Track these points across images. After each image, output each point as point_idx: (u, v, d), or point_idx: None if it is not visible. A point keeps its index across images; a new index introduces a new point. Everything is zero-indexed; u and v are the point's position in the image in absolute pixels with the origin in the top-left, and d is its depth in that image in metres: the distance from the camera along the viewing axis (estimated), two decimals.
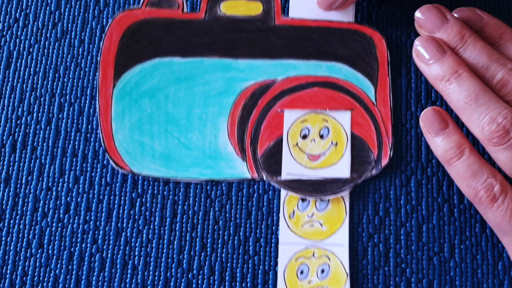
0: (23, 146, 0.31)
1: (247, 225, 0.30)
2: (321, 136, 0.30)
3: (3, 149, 0.31)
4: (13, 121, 0.32)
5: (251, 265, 0.29)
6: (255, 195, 0.30)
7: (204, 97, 0.31)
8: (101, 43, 0.31)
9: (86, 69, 0.32)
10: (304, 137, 0.30)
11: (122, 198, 0.30)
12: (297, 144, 0.30)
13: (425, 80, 0.32)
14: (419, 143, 0.31)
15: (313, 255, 0.29)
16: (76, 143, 0.31)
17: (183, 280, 0.29)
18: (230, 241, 0.30)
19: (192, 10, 0.32)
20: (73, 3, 0.33)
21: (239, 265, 0.29)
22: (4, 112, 0.32)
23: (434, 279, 0.29)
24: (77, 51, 0.33)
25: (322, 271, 0.29)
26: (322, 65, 0.31)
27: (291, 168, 0.30)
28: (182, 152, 0.30)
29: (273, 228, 0.30)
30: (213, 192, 0.30)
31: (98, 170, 0.31)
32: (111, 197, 0.30)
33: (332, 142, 0.30)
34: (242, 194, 0.30)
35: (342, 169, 0.30)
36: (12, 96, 0.32)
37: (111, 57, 0.31)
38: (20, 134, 0.31)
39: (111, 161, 0.30)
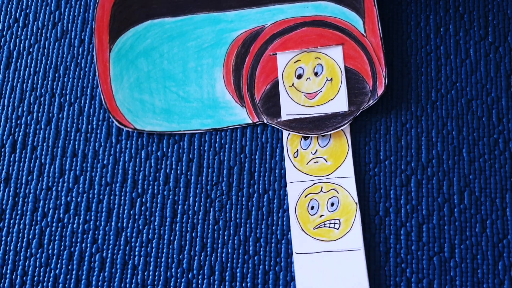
0: (23, 146, 0.31)
1: (247, 225, 0.30)
2: (316, 74, 0.31)
3: (3, 149, 0.31)
4: (13, 121, 0.32)
5: (251, 265, 0.29)
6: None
7: (197, 50, 0.32)
8: (94, 12, 0.32)
9: (86, 69, 0.32)
10: (299, 76, 0.31)
11: (122, 198, 0.30)
12: (293, 85, 0.31)
13: (425, 80, 0.32)
14: (419, 143, 0.31)
15: (321, 190, 0.29)
16: (76, 143, 0.31)
17: (183, 280, 0.29)
18: (230, 241, 0.30)
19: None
20: (73, 3, 0.34)
21: (239, 265, 0.29)
22: (4, 112, 0.32)
23: (434, 279, 0.29)
24: (77, 51, 0.33)
25: (332, 204, 0.29)
26: (308, 5, 0.32)
27: (290, 109, 0.31)
28: (182, 105, 0.31)
29: (273, 228, 0.30)
30: (213, 192, 0.30)
31: (98, 170, 0.31)
32: (111, 197, 0.30)
33: (327, 78, 0.31)
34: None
35: (339, 103, 0.31)
36: (12, 96, 0.32)
37: (105, 24, 0.32)
38: (20, 134, 0.31)
39: (114, 121, 0.31)
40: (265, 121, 0.31)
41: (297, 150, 0.30)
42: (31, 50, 0.33)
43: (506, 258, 0.29)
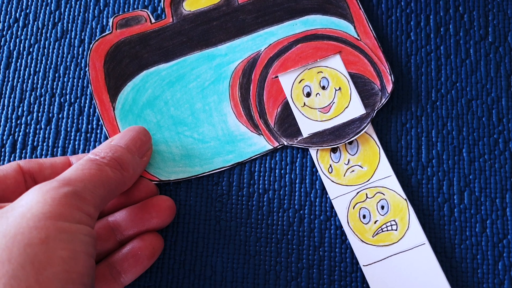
0: (23, 146, 0.31)
1: (247, 225, 0.30)
2: (323, 88, 0.31)
3: (3, 149, 0.31)
4: (13, 121, 0.31)
5: (251, 264, 0.29)
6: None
7: (200, 90, 0.31)
8: (87, 74, 0.31)
9: (86, 69, 0.32)
10: (308, 95, 0.31)
11: None
12: (305, 104, 0.31)
13: (425, 80, 0.32)
14: (419, 143, 0.31)
15: (367, 196, 0.29)
16: (76, 143, 0.31)
17: (184, 280, 0.29)
18: (231, 241, 0.30)
19: (158, 18, 0.33)
20: (73, 3, 0.33)
21: (239, 265, 0.29)
22: (4, 112, 0.32)
23: None
24: (77, 51, 0.33)
25: (382, 207, 0.29)
26: (296, 22, 0.32)
27: (309, 128, 0.31)
28: (200, 147, 0.31)
29: (273, 227, 0.30)
30: (213, 192, 0.30)
31: None
32: None
33: (335, 89, 0.31)
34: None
35: (355, 108, 0.31)
36: (12, 96, 0.32)
37: (101, 84, 0.31)
38: (20, 134, 0.31)
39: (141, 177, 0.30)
40: (285, 143, 0.30)
41: (330, 165, 0.30)
42: (31, 50, 0.33)
43: (506, 258, 0.29)
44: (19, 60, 0.33)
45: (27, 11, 0.33)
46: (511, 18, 0.33)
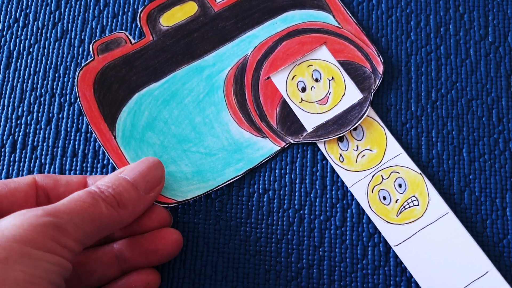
0: (23, 146, 0.31)
1: (247, 225, 0.30)
2: (316, 80, 0.31)
3: (3, 149, 0.31)
4: (13, 121, 0.31)
5: (251, 264, 0.29)
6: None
7: (197, 104, 0.31)
8: (80, 106, 0.31)
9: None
10: (303, 89, 0.31)
11: None
12: (302, 100, 0.31)
13: (425, 80, 0.32)
14: (419, 142, 0.31)
15: (383, 178, 0.30)
16: (76, 143, 0.31)
17: (184, 279, 0.29)
18: (231, 241, 0.30)
19: (138, 38, 0.32)
20: (73, 3, 0.33)
21: (239, 265, 0.29)
22: (4, 112, 0.32)
23: None
24: (77, 51, 0.33)
25: (400, 185, 0.29)
26: (276, 21, 0.32)
27: (311, 122, 0.31)
28: (209, 161, 0.30)
29: (273, 227, 0.30)
30: (213, 192, 0.30)
31: (98, 170, 0.31)
32: None
33: (328, 79, 0.31)
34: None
35: (352, 94, 0.31)
36: (12, 96, 0.32)
37: (96, 114, 0.31)
38: (20, 134, 0.31)
39: (156, 203, 0.29)
40: (291, 141, 0.31)
41: (340, 155, 0.30)
42: (31, 50, 0.33)
43: (506, 258, 0.29)
44: (19, 60, 0.33)
45: (27, 11, 0.33)
46: (511, 18, 0.33)
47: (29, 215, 0.22)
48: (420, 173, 0.30)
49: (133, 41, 0.32)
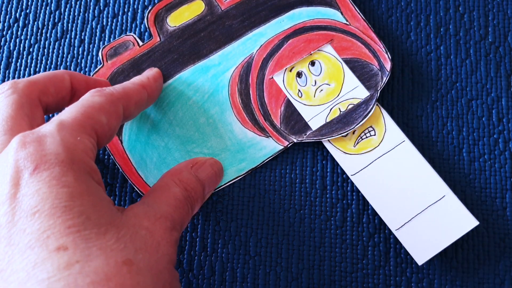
0: None
1: (248, 225, 0.30)
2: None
3: None
4: None
5: (251, 265, 0.29)
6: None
7: (201, 104, 0.31)
8: None
9: (86, 69, 0.32)
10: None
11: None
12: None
13: (425, 80, 0.32)
14: (420, 142, 0.31)
15: (340, 110, 0.31)
16: None
17: (183, 280, 0.29)
18: (230, 241, 0.30)
19: (146, 40, 0.32)
20: (73, 3, 0.33)
21: (239, 265, 0.29)
22: None
23: (434, 278, 0.29)
24: (77, 51, 0.33)
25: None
26: (283, 18, 0.32)
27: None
28: None
29: (274, 228, 0.30)
30: (214, 194, 0.30)
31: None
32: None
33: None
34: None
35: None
36: None
37: None
38: None
39: None
40: (294, 140, 0.30)
41: (299, 90, 0.31)
42: (31, 50, 0.33)
43: (507, 258, 0.29)
44: (19, 60, 0.33)
45: (27, 11, 0.33)
46: (511, 18, 0.33)
47: (159, 226, 0.22)
48: (377, 104, 0.30)
49: (141, 43, 0.32)
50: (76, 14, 0.33)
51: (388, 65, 0.31)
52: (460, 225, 0.28)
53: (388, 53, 0.31)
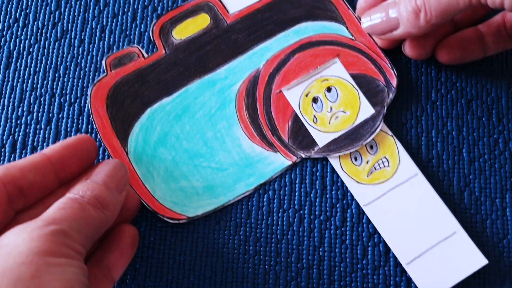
0: (23, 146, 0.31)
1: (247, 225, 0.30)
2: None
3: (3, 149, 0.31)
4: (13, 121, 0.32)
5: (251, 265, 0.29)
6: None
7: (208, 118, 0.31)
8: (93, 123, 0.31)
9: (86, 69, 0.32)
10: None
11: None
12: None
13: (425, 80, 0.32)
14: (419, 142, 0.31)
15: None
16: None
17: (183, 280, 0.29)
18: (230, 241, 0.30)
19: (151, 52, 0.32)
20: (73, 3, 0.33)
21: (239, 265, 0.29)
22: (4, 112, 0.32)
23: None
24: (77, 51, 0.33)
25: (371, 147, 0.30)
26: (289, 33, 0.32)
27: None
28: (220, 176, 0.30)
29: (273, 227, 0.30)
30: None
31: None
32: None
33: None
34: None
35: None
36: (12, 96, 0.32)
37: (108, 130, 0.30)
38: (20, 134, 0.31)
39: (167, 220, 0.29)
40: (303, 156, 0.30)
41: (314, 116, 0.30)
42: (31, 50, 0.33)
43: (506, 258, 0.29)
44: (19, 60, 0.33)
45: (27, 11, 0.33)
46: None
47: (32, 228, 0.22)
48: (392, 135, 0.30)
49: (145, 55, 0.32)
50: (76, 14, 0.33)
51: (394, 82, 0.31)
52: (469, 263, 0.28)
53: (394, 69, 0.31)
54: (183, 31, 0.32)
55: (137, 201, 0.29)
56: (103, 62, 0.32)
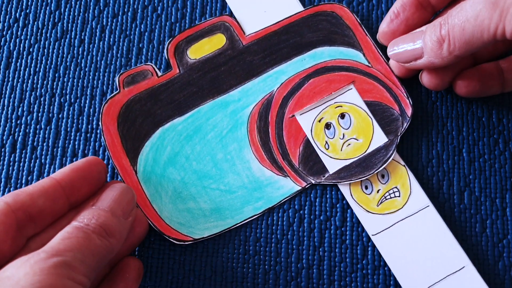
0: (23, 146, 0.31)
1: (247, 225, 0.30)
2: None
3: (3, 149, 0.31)
4: (13, 121, 0.32)
5: (251, 264, 0.29)
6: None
7: (219, 140, 0.31)
8: (103, 140, 0.30)
9: (86, 69, 0.32)
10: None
11: None
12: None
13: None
14: (419, 143, 0.31)
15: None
16: (76, 143, 0.31)
17: (184, 280, 0.29)
18: (230, 241, 0.30)
19: (165, 71, 0.32)
20: (73, 3, 0.33)
21: (239, 265, 0.29)
22: (4, 112, 0.32)
23: None
24: (77, 51, 0.33)
25: (382, 176, 0.30)
26: (305, 57, 0.32)
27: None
28: (228, 198, 0.30)
29: (273, 227, 0.30)
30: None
31: None
32: None
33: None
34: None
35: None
36: (12, 96, 0.32)
37: (118, 149, 0.30)
38: (20, 134, 0.31)
39: (172, 240, 0.29)
40: (313, 182, 0.30)
41: (326, 142, 0.30)
42: (31, 50, 0.33)
43: (506, 258, 0.29)
44: (19, 60, 0.33)
45: (27, 11, 0.33)
46: None
47: (35, 260, 0.21)
48: (404, 165, 0.30)
49: (159, 74, 0.31)
50: (76, 14, 0.33)
51: (409, 111, 0.30)
52: None
53: (410, 98, 0.31)
54: (198, 51, 0.32)
55: (146, 224, 0.28)
56: (116, 79, 0.31)
